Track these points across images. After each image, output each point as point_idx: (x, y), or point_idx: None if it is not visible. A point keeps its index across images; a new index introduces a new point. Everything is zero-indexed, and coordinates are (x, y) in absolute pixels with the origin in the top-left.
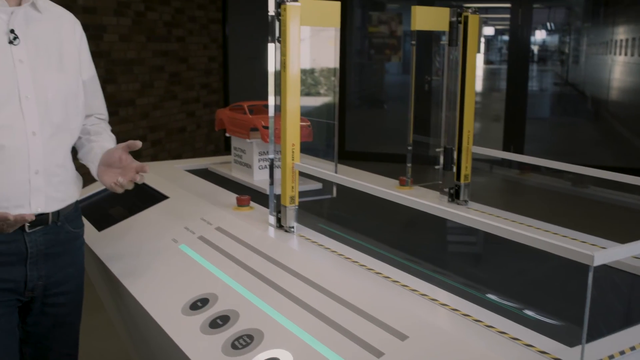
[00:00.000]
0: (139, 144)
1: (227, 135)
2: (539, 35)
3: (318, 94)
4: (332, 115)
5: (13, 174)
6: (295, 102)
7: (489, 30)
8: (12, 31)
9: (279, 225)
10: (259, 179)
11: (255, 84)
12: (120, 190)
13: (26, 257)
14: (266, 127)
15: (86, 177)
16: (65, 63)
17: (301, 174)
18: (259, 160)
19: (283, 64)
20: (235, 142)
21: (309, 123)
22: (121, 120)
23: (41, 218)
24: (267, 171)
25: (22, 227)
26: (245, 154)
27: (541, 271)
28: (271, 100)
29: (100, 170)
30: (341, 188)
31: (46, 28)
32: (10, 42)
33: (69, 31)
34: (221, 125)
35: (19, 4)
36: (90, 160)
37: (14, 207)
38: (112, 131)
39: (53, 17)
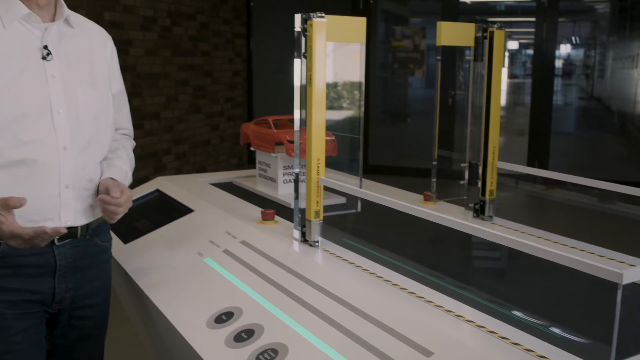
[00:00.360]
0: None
1: (252, 149)
2: (564, 49)
3: (342, 108)
4: (357, 129)
5: (44, 188)
6: (321, 117)
7: (513, 45)
8: (45, 47)
9: (304, 239)
10: (283, 193)
11: (279, 98)
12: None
13: (55, 270)
14: (291, 142)
15: None
16: (96, 78)
17: (325, 187)
18: (284, 175)
19: (309, 79)
20: (260, 156)
21: (333, 137)
22: (146, 133)
23: (70, 231)
24: (291, 185)
25: (52, 240)
26: (269, 168)
27: (568, 288)
28: (297, 115)
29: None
30: (366, 202)
31: (78, 43)
32: (44, 58)
33: (100, 46)
34: (246, 139)
35: (53, 20)
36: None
37: (43, 220)
38: (138, 145)
39: (85, 32)
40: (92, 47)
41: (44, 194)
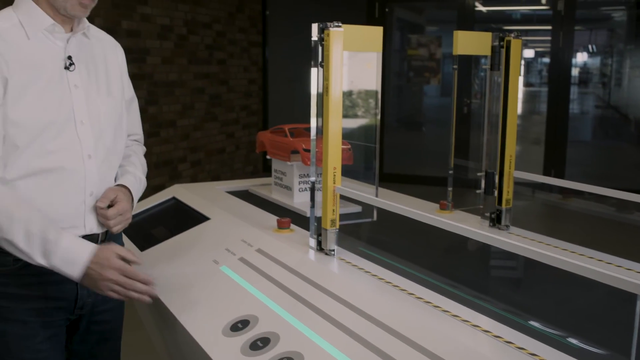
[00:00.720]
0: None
1: (268, 157)
2: (580, 57)
3: (358, 116)
4: (372, 137)
5: (70, 196)
6: (337, 126)
7: (529, 53)
8: (69, 57)
9: (320, 248)
10: (299, 201)
11: (294, 106)
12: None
13: None
14: (307, 150)
15: None
16: (112, 87)
17: (344, 198)
18: (300, 183)
19: (325, 88)
20: (275, 165)
21: (349, 146)
22: (162, 141)
23: (91, 238)
24: (307, 194)
25: None
26: (285, 176)
27: (585, 299)
28: (313, 124)
29: None
30: (381, 211)
31: (94, 53)
32: (66, 68)
33: (113, 55)
34: (262, 147)
35: (71, 30)
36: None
37: (69, 227)
38: (154, 152)
39: (98, 42)
40: (106, 56)
41: (70, 201)
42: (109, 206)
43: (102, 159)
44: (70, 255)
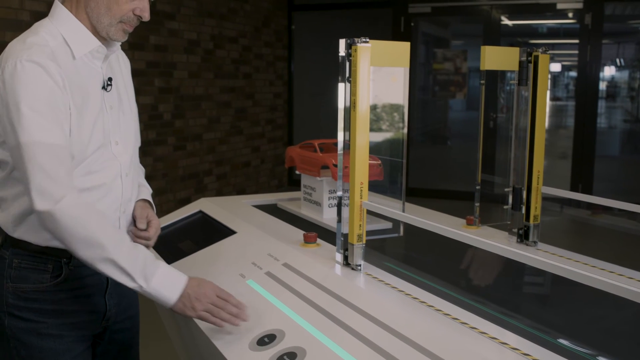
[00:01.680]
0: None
1: (297, 172)
2: (608, 71)
3: (384, 130)
4: (398, 152)
5: (109, 214)
6: (365, 141)
7: (555, 67)
8: (110, 79)
9: (346, 262)
10: (328, 217)
11: (319, 120)
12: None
13: (106, 288)
14: (337, 166)
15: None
16: (131, 103)
17: (371, 213)
18: (329, 199)
19: (353, 103)
20: (305, 180)
21: (379, 162)
22: (188, 154)
23: None
24: (335, 209)
25: None
26: (315, 191)
27: (615, 316)
28: (340, 139)
29: None
30: (408, 226)
31: (116, 70)
32: (104, 88)
33: (125, 69)
34: (291, 162)
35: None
36: None
37: None
38: (180, 166)
39: (117, 58)
40: (122, 71)
41: (109, 219)
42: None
43: (133, 176)
44: (170, 279)
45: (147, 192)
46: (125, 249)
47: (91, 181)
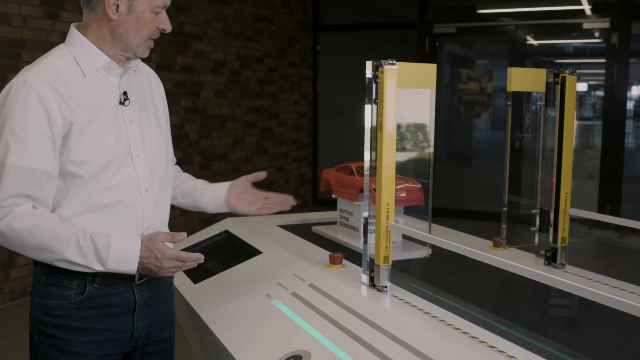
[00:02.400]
0: (263, 174)
1: (334, 196)
2: (635, 90)
3: (409, 150)
4: (424, 173)
5: (129, 230)
6: (391, 162)
7: (582, 86)
8: (124, 93)
9: (372, 284)
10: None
11: (344, 139)
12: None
13: (134, 308)
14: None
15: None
16: (160, 119)
17: (408, 238)
18: (369, 224)
19: (379, 125)
20: (341, 204)
21: (419, 186)
22: (213, 173)
23: None
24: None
25: (132, 279)
26: (352, 216)
27: None
28: (367, 158)
29: (231, 200)
30: (434, 247)
31: (142, 87)
32: (121, 103)
33: (156, 87)
34: (327, 185)
35: (122, 65)
36: (202, 197)
37: None
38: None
39: (144, 75)
40: (152, 88)
41: (129, 234)
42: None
43: (157, 191)
44: (123, 254)
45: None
46: (73, 244)
47: (107, 198)
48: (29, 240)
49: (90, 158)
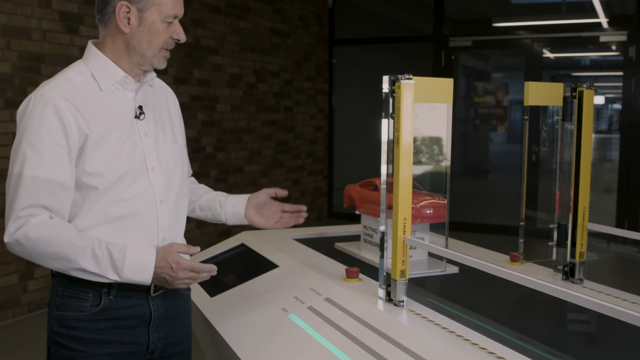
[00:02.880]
0: (284, 192)
1: (357, 212)
2: None
3: (427, 165)
4: (441, 187)
5: (144, 242)
6: (408, 177)
7: (599, 100)
8: (140, 107)
9: (389, 298)
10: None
11: (359, 153)
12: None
13: (150, 321)
14: None
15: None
16: (175, 133)
17: (434, 256)
18: None
19: (396, 139)
20: (365, 221)
21: (444, 201)
22: (229, 186)
23: None
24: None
25: (148, 291)
26: (376, 233)
27: None
28: (383, 171)
29: (250, 214)
30: (451, 262)
31: (158, 101)
32: (137, 117)
33: (172, 101)
34: (350, 201)
35: (138, 80)
36: (222, 212)
37: None
38: None
39: (160, 90)
40: (168, 103)
41: (144, 246)
42: None
43: (172, 204)
44: (138, 263)
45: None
46: (89, 253)
47: (123, 209)
48: (46, 249)
49: (105, 170)
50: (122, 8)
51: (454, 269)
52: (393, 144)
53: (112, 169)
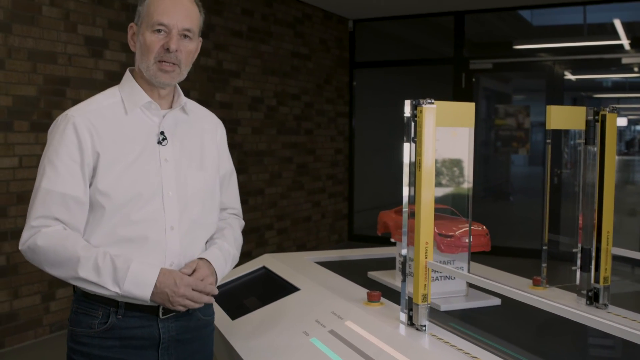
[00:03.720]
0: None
1: (392, 240)
2: None
3: (449, 188)
4: (463, 210)
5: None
6: (430, 200)
7: (621, 121)
8: (162, 133)
9: (410, 323)
10: (432, 292)
11: (380, 175)
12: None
13: (159, 343)
14: (443, 235)
15: None
16: (205, 161)
17: (474, 286)
18: (433, 271)
19: (418, 163)
20: (400, 247)
21: (486, 231)
22: (250, 208)
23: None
24: (440, 284)
25: (157, 313)
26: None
27: None
28: (405, 196)
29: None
30: (473, 285)
31: (191, 129)
32: (159, 143)
33: (211, 131)
34: (385, 228)
35: (170, 107)
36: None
37: None
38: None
39: (198, 118)
40: (204, 132)
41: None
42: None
43: (186, 230)
44: (140, 277)
45: (216, 253)
46: (90, 263)
47: (131, 231)
48: (51, 257)
49: (112, 190)
50: (130, 29)
51: (495, 301)
52: (415, 167)
53: (119, 190)
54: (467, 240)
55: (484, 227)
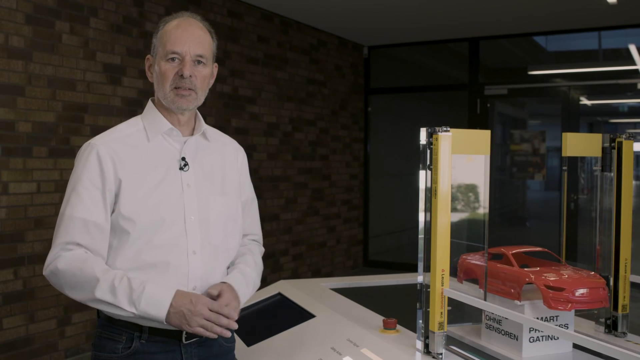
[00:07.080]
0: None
1: (482, 290)
2: None
3: (465, 215)
4: (479, 237)
5: (175, 287)
6: (446, 227)
7: (638, 146)
8: (183, 159)
9: (427, 351)
10: (529, 355)
11: (395, 201)
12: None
13: None
14: (551, 288)
15: None
16: (227, 187)
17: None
18: (531, 330)
19: (434, 190)
20: (492, 301)
21: (604, 282)
22: (265, 234)
23: (195, 335)
24: (541, 346)
25: (180, 338)
26: (507, 320)
27: None
28: (421, 221)
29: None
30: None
31: (212, 155)
32: (181, 169)
33: (232, 157)
34: (470, 275)
35: (192, 133)
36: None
37: None
38: None
39: (219, 144)
40: (225, 158)
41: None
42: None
43: (208, 255)
44: (156, 298)
45: (238, 277)
46: (107, 285)
47: (154, 256)
48: (70, 280)
49: (136, 216)
50: (147, 61)
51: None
52: (430, 193)
53: (143, 215)
54: (581, 292)
55: (599, 275)
